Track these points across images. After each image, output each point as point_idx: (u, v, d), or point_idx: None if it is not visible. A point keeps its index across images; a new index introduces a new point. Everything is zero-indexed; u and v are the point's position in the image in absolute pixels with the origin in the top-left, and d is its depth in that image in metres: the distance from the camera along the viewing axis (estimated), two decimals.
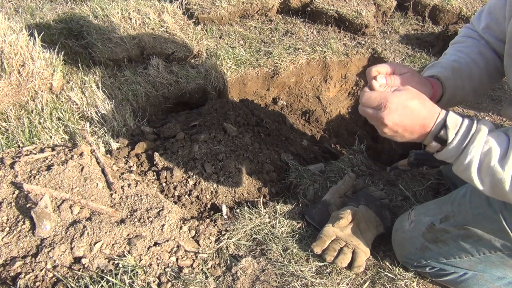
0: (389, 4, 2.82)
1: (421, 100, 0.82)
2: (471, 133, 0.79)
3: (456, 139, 0.80)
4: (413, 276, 1.19)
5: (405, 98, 0.81)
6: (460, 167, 0.82)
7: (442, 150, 0.83)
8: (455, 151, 0.81)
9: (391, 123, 0.82)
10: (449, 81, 0.99)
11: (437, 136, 0.82)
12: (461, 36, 1.14)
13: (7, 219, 1.17)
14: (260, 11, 2.73)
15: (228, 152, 1.57)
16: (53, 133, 1.56)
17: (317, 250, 1.18)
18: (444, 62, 1.05)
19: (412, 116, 0.81)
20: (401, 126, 0.82)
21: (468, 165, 0.80)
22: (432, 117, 0.82)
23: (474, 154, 0.79)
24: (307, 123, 2.28)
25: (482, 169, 0.79)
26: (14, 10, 2.53)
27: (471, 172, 0.80)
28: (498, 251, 0.97)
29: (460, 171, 0.83)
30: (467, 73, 1.02)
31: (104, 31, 2.12)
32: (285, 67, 2.27)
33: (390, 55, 2.49)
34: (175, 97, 1.99)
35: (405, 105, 0.81)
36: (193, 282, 1.10)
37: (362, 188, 1.47)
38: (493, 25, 1.03)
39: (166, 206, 1.31)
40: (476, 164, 0.79)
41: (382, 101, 0.82)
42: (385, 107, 0.81)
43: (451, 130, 0.80)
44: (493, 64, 1.05)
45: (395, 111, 0.81)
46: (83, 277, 1.06)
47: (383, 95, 0.82)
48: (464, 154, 0.80)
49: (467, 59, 1.03)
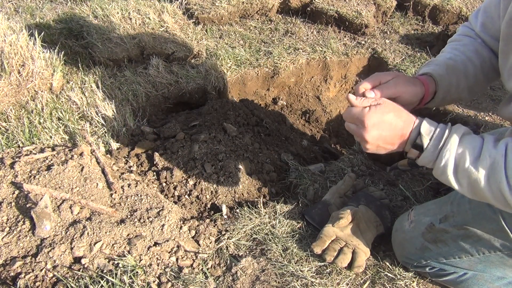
0: (389, 4, 2.82)
1: (396, 112, 0.85)
2: (444, 137, 0.82)
3: (430, 144, 0.83)
4: (413, 276, 1.19)
5: (380, 112, 0.84)
6: (437, 171, 0.85)
7: (420, 156, 0.86)
8: (431, 155, 0.84)
9: (371, 138, 0.85)
10: (442, 79, 1.00)
11: (414, 143, 0.85)
12: (458, 34, 1.14)
13: (7, 219, 1.18)
14: (260, 11, 2.73)
15: (228, 152, 1.57)
16: (53, 133, 1.56)
17: (317, 250, 1.18)
18: (439, 60, 1.06)
19: (390, 128, 0.84)
20: (381, 139, 0.85)
21: (444, 168, 0.82)
22: (408, 127, 0.85)
23: (448, 157, 0.81)
24: (307, 123, 2.28)
25: (458, 171, 0.81)
26: (14, 10, 2.53)
27: (447, 175, 0.83)
28: (498, 251, 0.97)
29: (438, 175, 0.86)
30: (462, 71, 1.02)
31: (104, 31, 2.12)
32: (285, 67, 2.27)
33: (390, 55, 2.49)
34: (175, 97, 1.99)
35: (382, 120, 0.84)
36: (193, 282, 1.10)
37: (362, 188, 1.47)
38: (489, 23, 1.03)
39: (166, 206, 1.31)
40: (452, 166, 0.82)
41: (360, 118, 0.85)
42: (363, 124, 0.85)
43: (425, 137, 0.83)
44: (489, 63, 1.05)
45: (373, 127, 0.84)
46: (83, 277, 1.06)
47: (360, 113, 0.86)
48: (440, 158, 0.82)
49: (462, 57, 1.04)
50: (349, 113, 0.88)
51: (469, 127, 1.94)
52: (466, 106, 2.12)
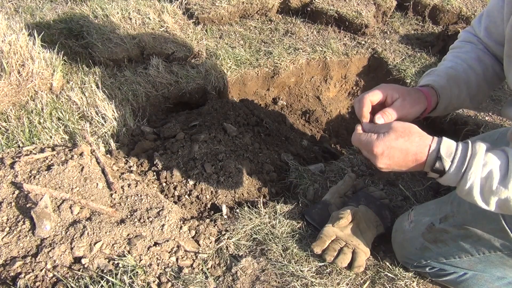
0: (389, 4, 2.82)
1: (407, 136, 0.82)
2: (468, 159, 0.79)
3: (453, 167, 0.80)
4: (413, 276, 1.19)
5: (388, 140, 0.82)
6: (462, 192, 0.82)
7: (442, 177, 0.83)
8: (454, 177, 0.81)
9: (383, 165, 0.84)
10: (444, 90, 0.99)
11: (433, 168, 0.82)
12: (460, 41, 1.13)
13: (7, 219, 1.18)
14: (260, 11, 2.73)
15: (228, 152, 1.57)
16: (53, 133, 1.56)
17: (317, 250, 1.18)
18: (440, 69, 1.04)
19: (401, 154, 0.82)
20: (394, 165, 0.84)
21: (469, 190, 0.80)
22: (423, 151, 0.82)
23: (473, 180, 0.78)
24: (307, 123, 2.28)
25: (484, 192, 0.79)
26: (14, 10, 2.53)
27: (473, 196, 0.80)
28: (498, 250, 0.97)
29: (464, 196, 0.83)
30: (463, 80, 1.01)
31: (104, 31, 2.12)
32: (285, 67, 2.27)
33: (390, 55, 2.49)
34: (175, 97, 1.99)
35: (391, 147, 0.82)
36: (193, 282, 1.10)
37: (362, 188, 1.47)
38: (492, 27, 1.02)
39: (166, 206, 1.31)
40: (478, 189, 0.79)
41: (368, 148, 0.84)
42: (372, 153, 0.83)
43: (446, 160, 0.80)
44: (491, 70, 1.04)
45: (382, 155, 0.83)
46: (83, 277, 1.06)
47: (369, 141, 0.84)
48: (464, 180, 0.80)
49: (464, 66, 1.03)
50: (358, 140, 0.87)
51: (468, 127, 1.94)
52: None
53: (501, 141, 1.18)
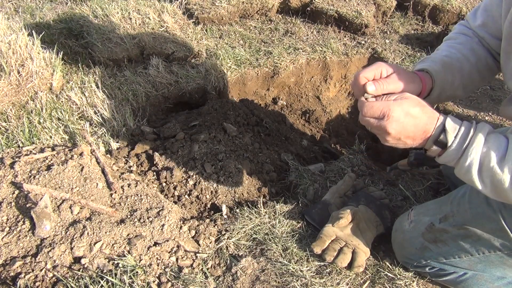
0: (389, 4, 2.82)
1: (422, 107, 0.83)
2: (470, 135, 0.80)
3: (456, 142, 0.81)
4: (413, 276, 1.19)
5: (407, 106, 0.82)
6: (461, 170, 0.83)
7: (443, 154, 0.84)
8: (455, 153, 0.82)
9: (394, 131, 0.83)
10: (439, 75, 1.00)
11: (437, 140, 0.83)
12: (455, 32, 1.15)
13: (7, 219, 1.18)
14: (260, 11, 2.73)
15: (228, 152, 1.57)
16: (53, 133, 1.56)
17: (317, 250, 1.18)
18: (435, 56, 1.06)
19: (414, 123, 0.82)
20: (404, 133, 0.83)
21: (468, 167, 0.81)
22: (432, 122, 0.83)
23: (474, 156, 0.79)
24: (307, 123, 2.28)
25: (483, 170, 0.80)
26: (14, 10, 2.53)
27: (471, 174, 0.81)
28: (498, 250, 0.97)
29: (462, 174, 0.84)
30: (457, 68, 1.02)
31: (104, 31, 2.12)
32: (285, 67, 2.27)
33: (390, 55, 2.49)
34: (175, 97, 1.99)
35: (407, 113, 0.82)
36: (193, 282, 1.10)
37: (362, 188, 1.47)
38: (489, 22, 1.03)
39: (166, 206, 1.31)
40: (477, 166, 0.80)
41: (384, 111, 0.82)
42: (388, 116, 0.82)
43: (450, 133, 0.81)
44: (484, 62, 1.05)
45: (398, 120, 0.82)
46: (83, 277, 1.06)
47: (385, 104, 0.83)
48: (464, 156, 0.81)
49: (458, 55, 1.04)
50: (371, 107, 0.85)
51: None
52: (466, 106, 2.12)
53: None
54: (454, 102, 2.13)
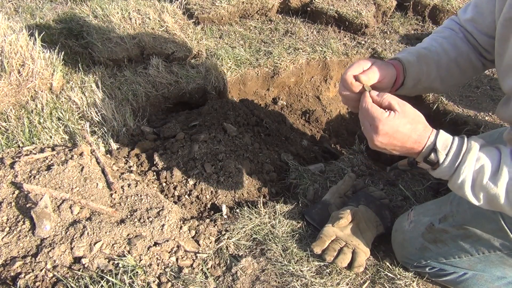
0: (389, 4, 2.82)
1: (413, 124, 0.83)
2: (462, 153, 0.81)
3: (447, 160, 0.82)
4: (413, 276, 1.19)
5: (398, 122, 0.82)
6: (454, 185, 0.84)
7: (435, 170, 0.85)
8: (448, 171, 0.83)
9: (380, 143, 0.84)
10: (411, 65, 1.01)
11: (427, 159, 0.84)
12: (442, 26, 1.16)
13: (7, 219, 1.18)
14: (260, 11, 2.73)
15: (228, 152, 1.57)
16: (53, 133, 1.56)
17: (317, 250, 1.18)
18: (413, 48, 1.07)
19: (403, 140, 0.83)
20: (390, 145, 0.85)
21: (461, 184, 0.82)
22: (422, 141, 0.83)
23: (466, 174, 0.80)
24: (307, 123, 2.28)
25: (476, 187, 0.81)
26: (14, 10, 2.53)
27: (464, 190, 0.82)
28: (498, 250, 0.98)
29: (455, 189, 0.85)
30: (434, 60, 1.03)
31: (104, 31, 2.12)
32: (285, 67, 2.27)
33: (390, 55, 2.49)
34: (175, 97, 1.99)
35: (397, 131, 0.82)
36: (193, 282, 1.10)
37: (362, 188, 1.48)
38: (479, 18, 1.04)
39: (166, 206, 1.31)
40: (469, 183, 0.81)
41: (376, 124, 0.83)
42: (376, 128, 0.83)
43: (441, 152, 0.82)
44: (466, 57, 1.06)
45: (385, 135, 0.83)
46: (83, 277, 1.06)
47: (377, 117, 0.83)
48: (457, 174, 0.81)
49: (438, 48, 1.05)
50: (366, 111, 0.85)
51: (468, 127, 1.95)
52: (466, 106, 2.11)
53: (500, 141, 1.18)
54: (454, 102, 2.13)
